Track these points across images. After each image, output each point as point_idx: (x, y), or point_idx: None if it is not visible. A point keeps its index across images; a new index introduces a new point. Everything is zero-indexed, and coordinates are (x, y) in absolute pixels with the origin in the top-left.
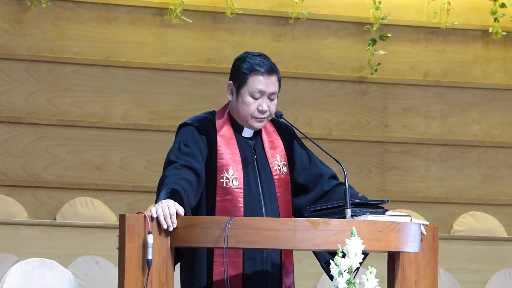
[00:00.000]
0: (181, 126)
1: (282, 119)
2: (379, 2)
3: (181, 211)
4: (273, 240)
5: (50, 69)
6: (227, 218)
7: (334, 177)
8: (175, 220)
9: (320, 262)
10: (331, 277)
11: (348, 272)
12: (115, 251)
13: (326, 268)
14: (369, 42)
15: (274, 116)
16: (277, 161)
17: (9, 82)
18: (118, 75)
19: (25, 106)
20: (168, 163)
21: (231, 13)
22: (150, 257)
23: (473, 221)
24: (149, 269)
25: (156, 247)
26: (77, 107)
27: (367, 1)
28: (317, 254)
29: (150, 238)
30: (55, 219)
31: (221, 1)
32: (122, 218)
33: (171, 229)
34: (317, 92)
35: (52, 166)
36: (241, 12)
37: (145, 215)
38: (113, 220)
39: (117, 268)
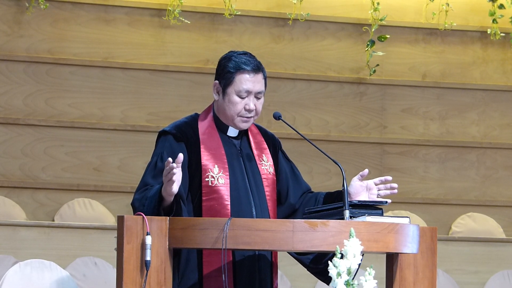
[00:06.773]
0: (160, 134)
1: (280, 120)
2: (378, 3)
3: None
4: (271, 241)
5: (49, 70)
6: (225, 219)
7: (309, 191)
8: (174, 165)
9: (304, 263)
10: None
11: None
12: (113, 252)
13: (313, 266)
14: (368, 43)
15: (272, 117)
16: (264, 161)
17: (8, 83)
18: (116, 76)
19: (24, 107)
20: (144, 185)
21: (230, 14)
22: (148, 258)
23: (471, 222)
24: (147, 271)
25: (154, 249)
26: (75, 108)
27: (366, 2)
28: (299, 258)
29: (148, 239)
30: (53, 220)
31: (219, 2)
32: (120, 219)
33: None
34: (316, 93)
35: (50, 167)
36: (239, 13)
37: (143, 216)
38: (112, 221)
39: (115, 269)
